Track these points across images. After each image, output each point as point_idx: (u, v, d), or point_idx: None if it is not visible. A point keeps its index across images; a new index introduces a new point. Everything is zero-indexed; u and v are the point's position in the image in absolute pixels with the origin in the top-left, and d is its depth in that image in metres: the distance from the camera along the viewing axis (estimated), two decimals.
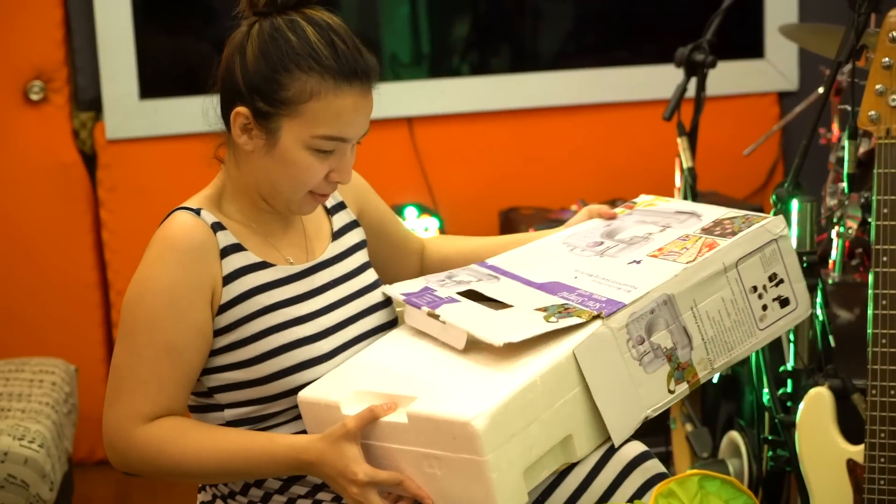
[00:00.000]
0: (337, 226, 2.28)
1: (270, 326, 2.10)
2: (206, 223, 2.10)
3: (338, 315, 2.18)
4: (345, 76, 2.05)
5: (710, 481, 1.97)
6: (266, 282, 2.12)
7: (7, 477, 3.16)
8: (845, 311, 3.01)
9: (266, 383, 2.10)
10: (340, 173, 2.10)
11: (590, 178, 4.48)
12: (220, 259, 2.09)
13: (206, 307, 2.07)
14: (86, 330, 4.31)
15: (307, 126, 2.05)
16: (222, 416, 2.13)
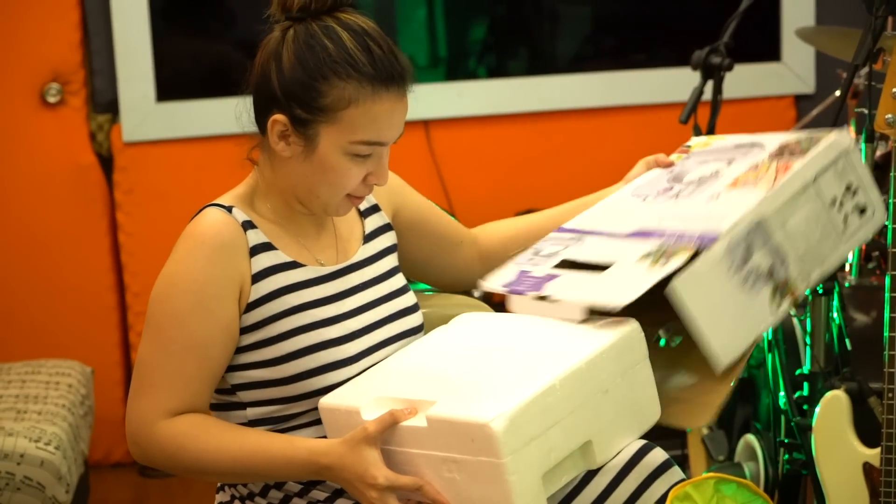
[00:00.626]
0: (369, 228, 2.27)
1: (298, 327, 2.10)
2: (237, 221, 2.10)
3: (365, 318, 2.18)
4: (382, 81, 2.06)
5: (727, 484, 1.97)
6: (295, 282, 2.12)
7: (23, 479, 3.17)
8: (862, 314, 3.01)
9: (290, 383, 2.10)
10: (378, 176, 2.11)
11: (606, 180, 4.46)
12: (249, 257, 2.09)
13: (233, 304, 2.07)
14: (102, 332, 4.31)
15: (345, 132, 2.05)
16: (244, 414, 2.13)
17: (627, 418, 2.05)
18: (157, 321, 2.07)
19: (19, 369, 3.75)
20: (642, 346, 2.10)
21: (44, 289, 4.25)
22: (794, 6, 4.46)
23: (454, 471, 1.94)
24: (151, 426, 2.05)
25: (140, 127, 4.22)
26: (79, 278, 4.27)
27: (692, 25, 4.53)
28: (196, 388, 2.06)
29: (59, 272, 4.25)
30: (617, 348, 2.05)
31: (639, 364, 2.08)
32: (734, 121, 4.23)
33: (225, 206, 2.12)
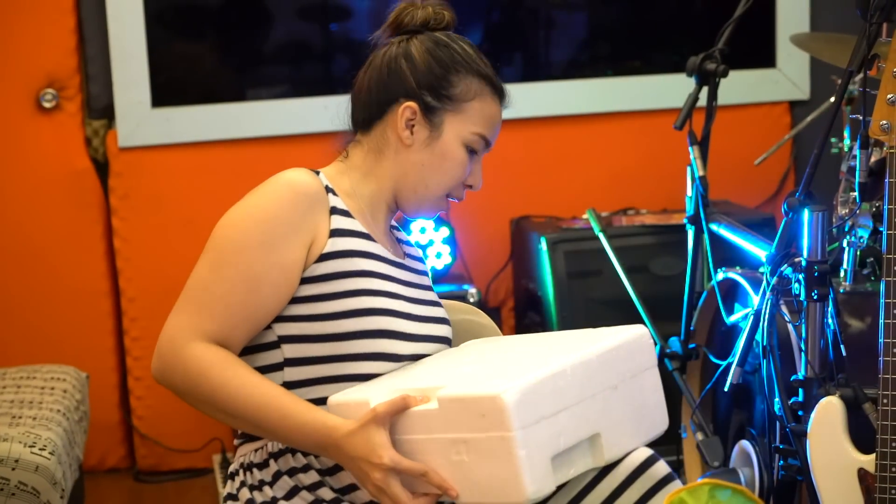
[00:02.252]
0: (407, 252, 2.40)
1: (366, 288, 2.16)
2: (322, 182, 2.20)
3: (422, 310, 2.27)
4: (497, 88, 2.33)
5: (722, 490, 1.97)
6: (369, 251, 2.21)
7: (18, 484, 3.16)
8: (856, 320, 3.01)
9: (341, 340, 2.13)
10: (475, 178, 2.31)
11: (601, 186, 4.49)
12: (329, 215, 2.18)
13: (300, 250, 2.13)
14: (97, 337, 4.31)
15: (468, 122, 2.26)
16: (281, 375, 2.14)
17: (635, 421, 2.07)
18: (220, 245, 2.12)
19: (14, 374, 3.74)
20: (652, 353, 2.15)
21: (39, 294, 4.25)
22: (789, 12, 4.47)
23: (463, 452, 1.95)
24: (184, 344, 2.07)
25: (135, 132, 4.22)
26: (74, 283, 4.27)
27: (687, 32, 4.54)
28: (237, 321, 2.10)
29: (55, 277, 4.25)
30: (627, 349, 2.11)
31: (648, 369, 2.13)
32: (729, 127, 4.24)
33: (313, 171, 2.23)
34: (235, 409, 2.06)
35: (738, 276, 3.26)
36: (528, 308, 4.23)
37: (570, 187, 4.47)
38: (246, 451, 2.21)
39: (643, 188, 4.44)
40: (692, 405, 3.53)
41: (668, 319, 3.72)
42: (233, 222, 2.13)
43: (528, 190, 4.45)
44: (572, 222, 4.17)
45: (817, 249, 2.85)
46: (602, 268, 3.93)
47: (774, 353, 2.92)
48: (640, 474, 2.08)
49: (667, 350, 3.61)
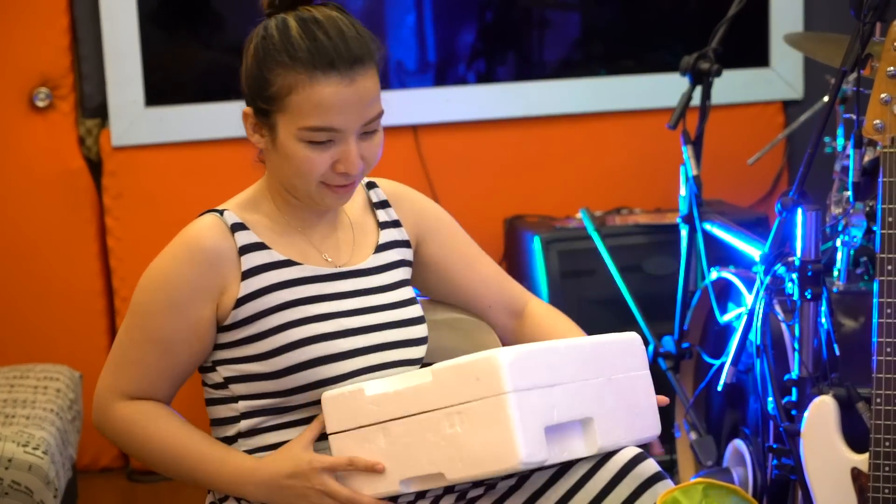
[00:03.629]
0: (383, 240, 2.29)
1: (290, 321, 2.13)
2: (227, 224, 2.15)
3: (363, 319, 2.20)
4: (320, 67, 2.06)
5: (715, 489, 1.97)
6: (289, 279, 2.16)
7: (11, 483, 3.16)
8: (850, 319, 3.01)
9: (282, 377, 2.12)
10: (345, 164, 2.11)
11: (595, 186, 4.49)
12: (238, 257, 2.14)
13: (208, 308, 2.12)
14: (90, 337, 4.31)
15: (294, 119, 2.08)
16: (236, 407, 2.15)
17: (629, 417, 2.08)
18: (133, 309, 2.16)
19: (7, 373, 3.74)
20: (644, 358, 2.17)
21: (32, 293, 4.25)
22: (783, 12, 4.46)
23: (457, 423, 1.96)
24: (107, 405, 2.16)
25: (129, 131, 4.22)
26: (67, 283, 4.26)
27: (681, 31, 4.54)
28: (154, 380, 2.15)
29: (48, 277, 4.25)
30: (619, 346, 2.14)
31: (640, 371, 2.14)
32: (723, 126, 4.24)
33: (219, 210, 2.17)
34: (162, 463, 2.14)
35: (731, 275, 3.27)
36: None
37: (563, 187, 4.47)
38: None
39: (637, 187, 4.44)
40: (685, 404, 3.53)
41: (661, 319, 3.72)
42: (141, 286, 2.16)
43: (521, 189, 4.44)
44: (566, 221, 4.17)
45: (811, 249, 2.85)
46: (596, 267, 3.93)
47: (768, 352, 2.93)
48: (628, 472, 2.08)
49: (660, 349, 3.62)
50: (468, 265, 2.39)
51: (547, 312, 2.44)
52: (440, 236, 2.37)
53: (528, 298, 2.44)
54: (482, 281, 2.39)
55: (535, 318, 2.42)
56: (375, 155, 2.15)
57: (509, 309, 2.41)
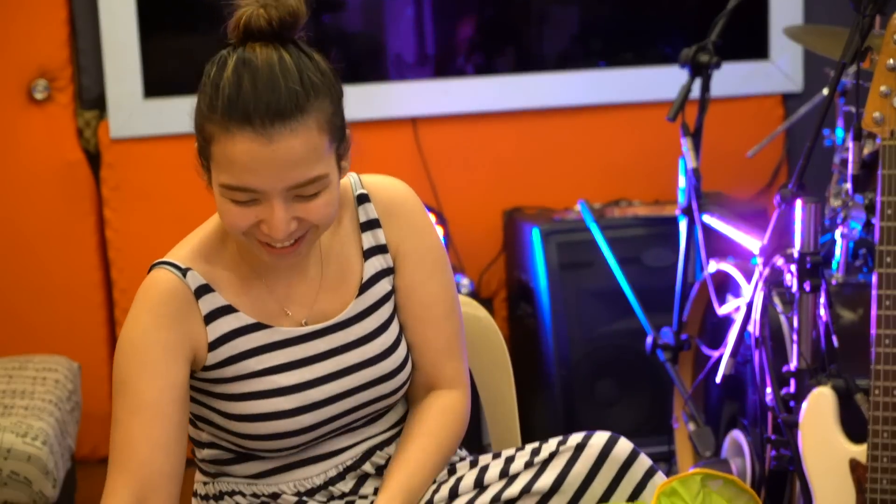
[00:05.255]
0: (368, 274, 2.11)
1: (253, 392, 2.03)
2: (190, 288, 2.01)
3: (335, 387, 2.07)
4: (235, 120, 1.87)
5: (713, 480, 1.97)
6: (258, 345, 2.04)
7: (10, 474, 3.16)
8: (849, 311, 3.02)
9: (243, 438, 2.05)
10: (269, 226, 1.91)
11: (594, 178, 4.49)
12: (204, 325, 2.01)
13: (181, 366, 1.99)
14: (89, 328, 4.31)
15: (215, 171, 1.93)
16: (201, 435, 2.11)
17: None
18: (114, 390, 2.01)
19: (6, 364, 3.74)
20: None
21: (31, 285, 4.25)
22: (783, 4, 4.46)
23: None
24: None
25: (127, 123, 4.22)
26: (66, 275, 4.26)
27: (680, 23, 4.54)
28: (145, 456, 1.97)
29: (46, 268, 4.25)
30: None
31: None
32: (722, 119, 4.25)
33: (182, 267, 2.02)
34: None
35: (730, 267, 3.27)
36: (520, 299, 4.23)
37: (562, 179, 4.47)
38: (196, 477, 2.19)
39: (636, 180, 4.44)
40: (684, 396, 3.54)
41: (660, 310, 3.73)
42: (116, 363, 1.99)
43: (520, 181, 4.44)
44: (565, 213, 4.17)
45: (810, 241, 2.85)
46: (594, 259, 3.93)
47: (766, 344, 2.93)
48: (604, 460, 2.05)
49: (659, 341, 3.62)
50: (424, 321, 2.15)
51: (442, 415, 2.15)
52: (415, 273, 2.14)
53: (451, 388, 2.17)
54: (426, 342, 2.15)
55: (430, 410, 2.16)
56: (320, 217, 1.93)
57: (428, 383, 2.18)
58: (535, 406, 4.01)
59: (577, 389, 3.98)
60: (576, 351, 3.97)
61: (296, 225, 1.92)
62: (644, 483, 2.06)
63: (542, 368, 4.02)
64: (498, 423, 2.41)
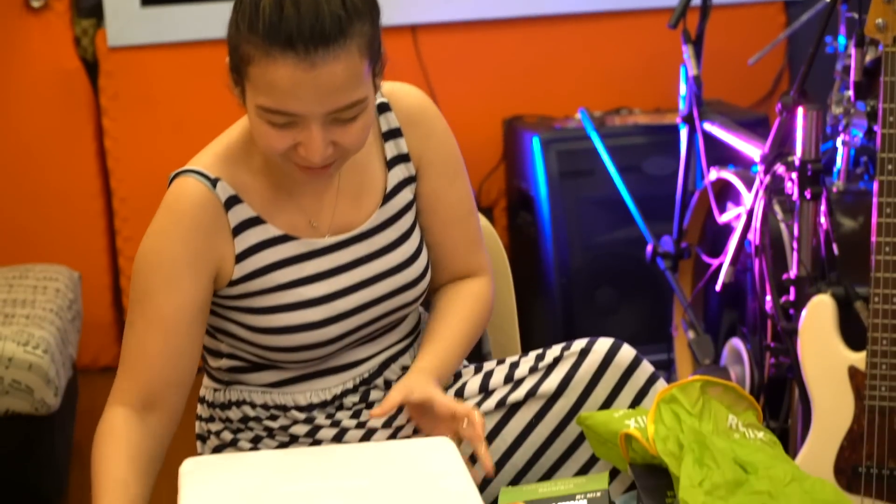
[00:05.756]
0: (392, 183, 2.11)
1: (280, 305, 2.03)
2: (220, 199, 2.00)
3: (360, 297, 2.08)
4: (277, 44, 1.83)
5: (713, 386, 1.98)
6: (284, 258, 2.04)
7: (12, 382, 3.19)
8: (849, 219, 3.02)
9: (266, 350, 2.06)
10: (306, 150, 1.90)
11: (595, 86, 4.47)
12: (232, 238, 2.01)
13: (204, 282, 2.00)
14: (89, 237, 4.32)
15: (253, 91, 1.89)
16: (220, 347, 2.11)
17: None
18: (132, 298, 2.02)
19: (6, 274, 3.76)
20: None
21: (30, 195, 4.26)
22: None
23: None
24: (106, 407, 2.02)
25: (125, 31, 4.19)
26: (65, 184, 4.27)
27: None
28: (157, 368, 1.99)
29: (46, 178, 4.25)
30: None
31: None
32: (723, 26, 4.22)
33: (210, 177, 2.01)
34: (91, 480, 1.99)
35: (730, 175, 3.27)
36: (520, 208, 4.23)
37: (563, 87, 4.46)
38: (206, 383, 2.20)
39: (636, 87, 4.43)
40: (683, 304, 3.56)
41: (660, 219, 3.73)
42: (136, 270, 1.99)
43: (520, 89, 4.43)
44: (565, 122, 4.16)
45: (811, 148, 2.86)
46: (595, 167, 3.93)
47: (766, 252, 2.95)
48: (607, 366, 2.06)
49: (659, 249, 3.63)
50: (449, 222, 2.17)
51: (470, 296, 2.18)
52: (439, 180, 2.15)
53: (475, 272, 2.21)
54: (453, 243, 2.18)
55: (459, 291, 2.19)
56: (355, 142, 1.93)
57: (456, 276, 2.21)
58: (534, 314, 4.02)
59: (576, 298, 3.99)
60: (576, 259, 3.98)
61: (332, 149, 1.92)
62: (646, 389, 2.07)
63: (542, 277, 4.03)
64: (498, 332, 2.42)
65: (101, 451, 1.96)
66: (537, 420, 2.07)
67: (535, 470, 2.09)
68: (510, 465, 2.09)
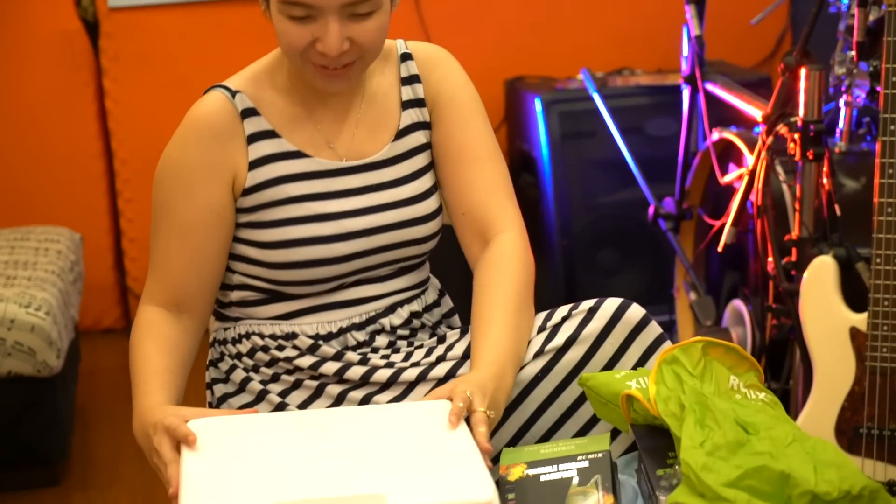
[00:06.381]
0: (405, 123, 2.18)
1: (290, 217, 2.10)
2: (237, 109, 2.09)
3: (369, 221, 2.13)
4: None
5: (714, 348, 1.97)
6: (297, 172, 2.11)
7: (14, 344, 3.20)
8: (851, 180, 3.03)
9: (276, 269, 2.11)
10: (323, 44, 1.98)
11: (597, 47, 4.47)
12: (246, 145, 2.09)
13: (221, 189, 2.08)
14: (90, 199, 4.33)
15: None
16: (231, 277, 2.15)
17: None
18: (154, 206, 2.12)
19: (8, 235, 3.76)
20: None
21: (31, 156, 4.26)
22: None
23: None
24: (139, 306, 2.14)
25: None
26: (66, 145, 4.27)
27: None
28: (178, 272, 2.10)
29: (47, 139, 4.26)
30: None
31: None
32: None
33: (231, 89, 2.10)
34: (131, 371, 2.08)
35: (732, 136, 3.27)
36: (522, 169, 4.24)
37: (565, 47, 4.46)
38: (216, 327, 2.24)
39: (638, 48, 4.42)
40: (685, 265, 3.57)
41: (662, 180, 3.74)
42: (157, 179, 2.11)
43: (522, 50, 4.43)
44: (567, 83, 4.17)
45: (813, 109, 2.87)
46: (597, 128, 3.93)
47: (768, 213, 2.95)
48: (615, 323, 2.07)
49: (661, 210, 3.64)
50: (462, 162, 2.19)
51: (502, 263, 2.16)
52: (452, 121, 2.19)
53: (504, 229, 2.17)
54: (469, 183, 2.18)
55: (489, 264, 2.16)
56: (371, 40, 2.01)
57: (480, 229, 2.18)
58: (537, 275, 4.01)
59: (578, 259, 4.00)
60: (577, 220, 3.99)
61: (348, 45, 2.00)
62: (654, 349, 2.08)
63: (544, 238, 4.04)
64: None
65: (141, 344, 2.07)
66: (543, 374, 2.07)
67: (535, 429, 2.09)
68: (510, 423, 2.09)
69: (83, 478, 3.45)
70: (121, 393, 3.79)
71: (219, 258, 2.12)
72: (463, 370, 2.09)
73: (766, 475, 1.73)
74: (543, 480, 1.87)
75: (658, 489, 1.81)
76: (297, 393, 2.14)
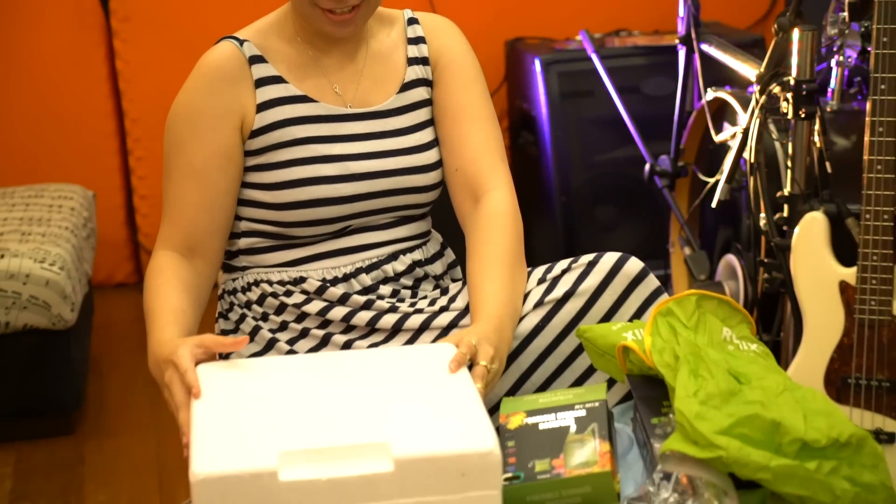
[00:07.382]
0: (409, 77, 2.25)
1: (296, 158, 2.15)
2: (245, 55, 2.16)
3: (372, 164, 2.18)
4: None
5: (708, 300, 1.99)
6: (303, 115, 2.17)
7: (29, 298, 3.24)
8: (842, 138, 3.03)
9: (282, 210, 2.16)
10: None
11: (595, 8, 4.47)
12: (254, 89, 2.15)
13: (230, 132, 2.14)
14: (103, 157, 4.35)
15: None
16: (238, 224, 2.20)
17: None
18: (166, 151, 2.17)
19: (22, 193, 3.79)
20: None
21: (44, 115, 4.27)
22: None
23: None
24: (154, 250, 2.18)
25: None
26: (78, 105, 4.29)
27: None
28: (192, 215, 2.14)
29: (59, 99, 4.27)
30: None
31: None
32: None
33: (240, 38, 2.17)
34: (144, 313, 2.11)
35: (727, 95, 3.29)
36: (521, 128, 4.25)
37: (563, 8, 4.46)
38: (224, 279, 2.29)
39: (636, 9, 4.42)
40: (680, 221, 3.57)
41: (658, 138, 3.76)
42: (168, 124, 2.16)
43: (521, 11, 4.43)
44: (566, 43, 4.16)
45: (806, 69, 2.87)
46: (595, 88, 3.94)
47: (761, 170, 2.96)
48: (614, 275, 2.10)
49: (657, 168, 3.65)
50: (459, 121, 2.24)
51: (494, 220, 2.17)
52: (451, 82, 2.26)
53: (494, 187, 2.20)
54: (463, 141, 2.23)
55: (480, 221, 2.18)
56: None
57: (471, 186, 2.22)
58: (536, 231, 4.05)
59: (577, 215, 4.03)
60: (576, 178, 4.01)
61: None
62: (651, 301, 2.11)
63: (544, 195, 4.07)
64: None
65: (155, 284, 2.10)
66: (542, 325, 2.10)
67: (534, 378, 2.12)
68: (510, 373, 2.11)
69: (97, 426, 3.49)
70: (133, 345, 3.85)
71: (229, 202, 2.17)
72: (465, 321, 2.12)
73: (757, 423, 1.72)
74: (542, 429, 1.88)
75: (653, 437, 1.83)
76: (304, 342, 2.18)
